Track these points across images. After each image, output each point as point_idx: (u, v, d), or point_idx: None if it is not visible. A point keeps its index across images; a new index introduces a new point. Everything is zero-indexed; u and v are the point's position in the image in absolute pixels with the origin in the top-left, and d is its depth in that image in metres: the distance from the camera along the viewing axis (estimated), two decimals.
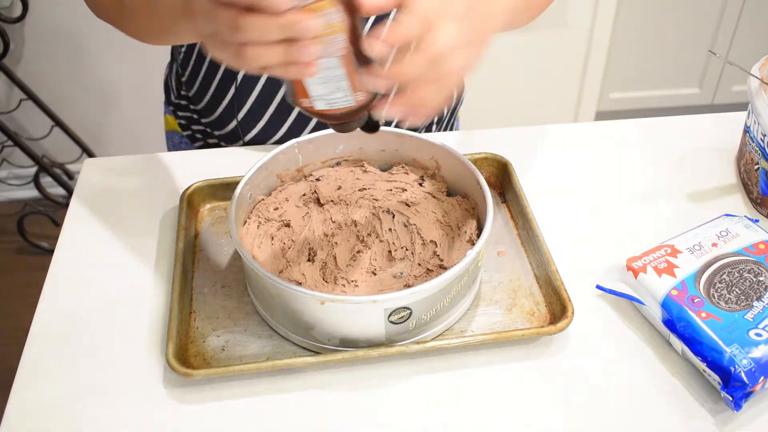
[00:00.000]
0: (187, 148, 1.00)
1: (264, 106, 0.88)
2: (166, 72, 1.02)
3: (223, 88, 0.89)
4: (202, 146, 0.99)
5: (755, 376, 0.59)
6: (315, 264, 0.69)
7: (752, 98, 0.79)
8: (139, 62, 1.93)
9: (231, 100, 0.89)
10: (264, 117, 0.89)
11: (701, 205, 0.82)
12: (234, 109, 0.90)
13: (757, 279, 0.67)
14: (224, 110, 0.91)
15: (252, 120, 0.90)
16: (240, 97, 0.88)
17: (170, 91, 1.00)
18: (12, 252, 2.03)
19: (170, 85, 0.99)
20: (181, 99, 0.97)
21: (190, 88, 0.93)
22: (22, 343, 0.66)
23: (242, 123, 0.90)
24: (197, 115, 0.95)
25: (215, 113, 0.92)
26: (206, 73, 0.90)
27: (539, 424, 0.61)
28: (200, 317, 0.69)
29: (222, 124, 0.92)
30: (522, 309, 0.70)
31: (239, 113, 0.89)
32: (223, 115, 0.91)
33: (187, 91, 0.94)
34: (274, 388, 0.64)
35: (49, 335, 0.68)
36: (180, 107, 0.98)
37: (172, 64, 0.98)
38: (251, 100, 0.88)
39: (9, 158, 2.03)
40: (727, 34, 2.19)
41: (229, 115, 0.91)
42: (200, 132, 0.97)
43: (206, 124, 0.95)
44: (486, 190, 0.69)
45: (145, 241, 0.77)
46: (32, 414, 0.62)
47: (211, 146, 0.97)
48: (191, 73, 0.92)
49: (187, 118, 0.97)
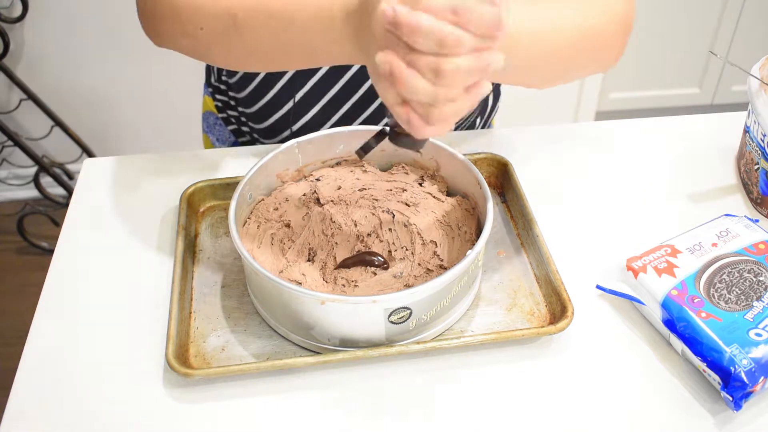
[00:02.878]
0: (221, 130, 1.00)
1: (317, 98, 0.89)
2: None
3: (268, 85, 0.89)
4: (235, 131, 0.99)
5: (755, 376, 0.59)
6: (315, 264, 0.69)
7: (752, 98, 0.79)
8: (139, 62, 1.93)
9: (287, 108, 0.89)
10: (314, 108, 0.89)
11: (701, 205, 0.82)
12: (289, 116, 0.90)
13: (757, 279, 0.67)
14: (269, 108, 0.90)
15: (303, 109, 0.90)
16: (296, 113, 0.89)
17: (211, 73, 0.98)
18: (12, 252, 2.03)
19: (212, 67, 0.97)
20: (221, 83, 0.96)
21: (233, 75, 0.92)
22: (22, 343, 0.66)
23: (295, 110, 0.90)
24: (235, 102, 0.95)
25: (254, 107, 0.91)
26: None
27: (539, 424, 0.61)
28: (200, 317, 0.69)
29: (261, 118, 0.92)
30: (522, 309, 0.70)
31: (294, 124, 0.89)
32: (264, 110, 0.91)
33: (229, 77, 0.93)
34: (274, 388, 0.64)
35: (49, 335, 0.68)
36: (219, 91, 0.97)
37: None
38: (306, 90, 0.88)
39: (9, 158, 2.03)
40: (727, 34, 2.19)
41: (271, 111, 0.91)
42: (235, 118, 0.97)
43: (243, 114, 0.94)
44: (486, 190, 0.69)
45: (145, 241, 0.77)
46: (32, 414, 0.62)
47: (243, 133, 0.97)
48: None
49: (224, 102, 0.97)
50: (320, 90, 0.89)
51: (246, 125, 0.96)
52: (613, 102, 2.29)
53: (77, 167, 1.98)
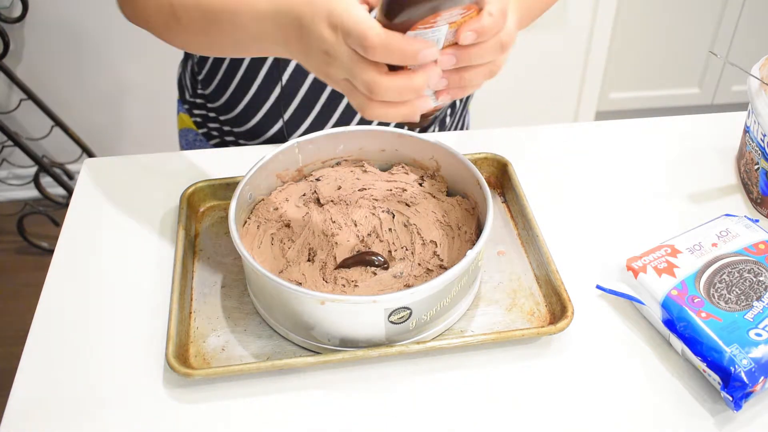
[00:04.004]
0: (202, 145, 0.99)
1: (308, 109, 0.89)
2: (179, 70, 1.01)
3: (245, 85, 0.89)
4: (218, 143, 0.98)
5: (755, 376, 0.59)
6: (315, 264, 0.69)
7: (752, 98, 0.79)
8: (139, 62, 1.93)
9: (276, 100, 0.89)
10: (309, 117, 0.90)
11: (701, 205, 0.82)
12: (279, 108, 0.90)
13: (757, 279, 0.67)
14: (248, 107, 0.91)
15: (298, 120, 0.90)
16: (286, 98, 0.89)
17: (185, 90, 0.99)
18: (12, 252, 2.03)
19: (185, 84, 0.98)
20: (197, 97, 0.96)
21: (208, 85, 0.93)
22: (22, 343, 0.66)
23: (287, 124, 0.91)
24: (214, 113, 0.95)
25: (235, 111, 0.92)
26: (226, 72, 0.89)
27: (539, 424, 0.61)
28: (200, 317, 0.69)
29: (241, 121, 0.92)
30: (522, 309, 0.70)
31: (285, 113, 0.90)
32: (244, 113, 0.91)
33: (204, 89, 0.94)
34: (274, 388, 0.64)
35: (49, 335, 0.68)
36: (195, 105, 0.97)
37: (187, 62, 0.97)
38: (296, 101, 0.89)
39: (9, 158, 2.03)
40: (727, 34, 2.19)
41: (252, 112, 0.91)
42: (217, 130, 0.97)
43: (224, 122, 0.94)
44: (486, 190, 0.69)
45: (145, 241, 0.77)
46: (32, 414, 0.62)
47: (228, 144, 0.97)
48: (209, 71, 0.91)
49: (202, 116, 0.97)
50: (311, 100, 0.89)
51: (230, 135, 0.96)
52: (613, 102, 2.29)
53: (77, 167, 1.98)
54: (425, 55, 0.51)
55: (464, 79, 0.56)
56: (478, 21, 0.52)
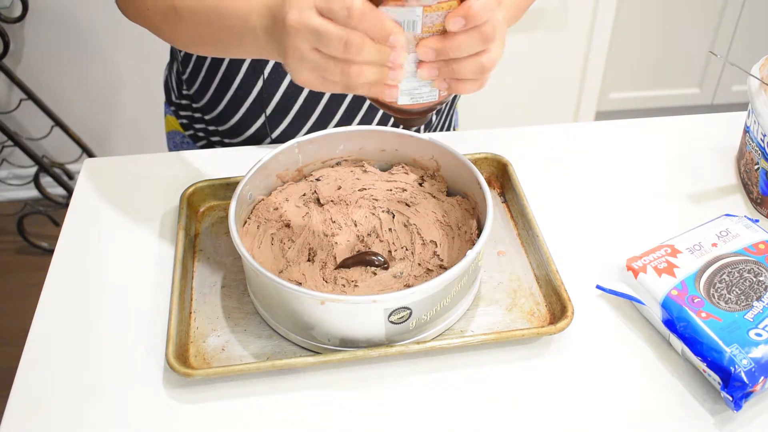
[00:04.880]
0: (189, 147, 1.00)
1: (290, 103, 0.89)
2: (165, 73, 1.02)
3: (227, 81, 0.89)
4: (205, 145, 0.99)
5: (755, 376, 0.59)
6: (315, 264, 0.69)
7: (752, 98, 0.79)
8: (139, 62, 1.93)
9: (258, 94, 0.89)
10: (290, 114, 0.90)
11: (701, 205, 0.82)
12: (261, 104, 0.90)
13: (757, 279, 0.67)
14: (230, 104, 0.91)
15: (279, 116, 0.90)
16: (268, 93, 0.89)
17: (171, 92, 1.00)
18: (12, 252, 2.03)
19: (170, 86, 0.99)
20: (183, 99, 0.97)
21: (192, 85, 0.93)
22: (22, 343, 0.66)
23: (269, 119, 0.91)
24: (200, 114, 0.95)
25: (217, 108, 0.92)
26: (208, 71, 0.90)
27: (539, 424, 0.61)
28: (200, 317, 0.69)
29: (224, 118, 0.92)
30: (522, 309, 0.70)
31: (267, 109, 0.90)
32: (226, 110, 0.91)
33: (188, 89, 0.94)
34: (274, 388, 0.64)
35: (49, 335, 0.68)
36: (181, 107, 0.98)
37: (172, 64, 0.98)
38: (277, 97, 0.89)
39: (9, 158, 2.03)
40: (727, 34, 2.19)
41: (234, 109, 0.91)
42: (202, 131, 0.97)
43: (208, 121, 0.95)
44: (486, 190, 0.69)
45: (145, 241, 0.77)
46: (32, 414, 0.62)
47: (213, 144, 0.98)
48: (192, 71, 0.92)
49: (188, 117, 0.97)
50: (293, 93, 0.88)
51: (215, 134, 0.96)
52: (613, 102, 2.29)
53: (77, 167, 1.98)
54: (396, 39, 0.54)
55: (454, 70, 0.57)
56: (467, 5, 0.54)
